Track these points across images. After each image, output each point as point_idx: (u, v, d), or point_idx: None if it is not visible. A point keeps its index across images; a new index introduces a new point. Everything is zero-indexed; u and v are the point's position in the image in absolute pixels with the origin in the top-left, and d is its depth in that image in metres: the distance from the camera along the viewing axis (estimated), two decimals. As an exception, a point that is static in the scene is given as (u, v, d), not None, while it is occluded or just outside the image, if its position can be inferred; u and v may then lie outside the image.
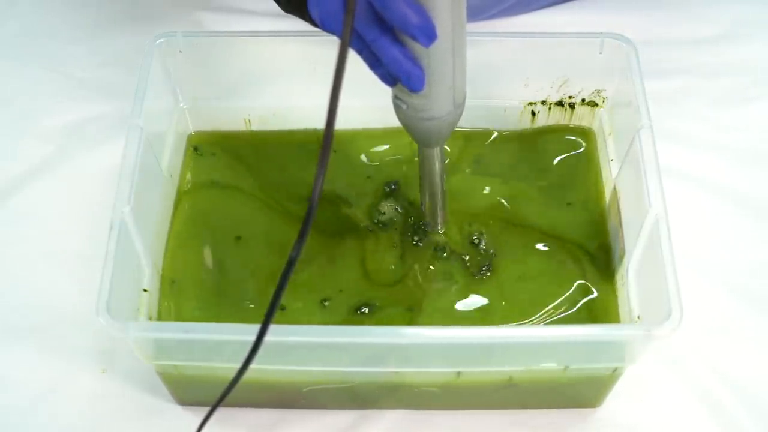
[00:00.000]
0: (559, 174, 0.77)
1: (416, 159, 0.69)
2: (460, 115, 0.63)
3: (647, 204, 0.63)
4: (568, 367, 0.62)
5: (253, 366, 0.63)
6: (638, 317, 0.65)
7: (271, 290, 0.74)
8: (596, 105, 0.77)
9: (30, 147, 0.81)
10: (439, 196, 0.71)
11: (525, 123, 0.79)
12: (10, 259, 0.75)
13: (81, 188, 0.78)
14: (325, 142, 0.47)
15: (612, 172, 0.74)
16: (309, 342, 0.59)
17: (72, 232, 0.76)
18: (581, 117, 0.79)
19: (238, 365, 0.63)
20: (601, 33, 0.73)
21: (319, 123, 0.78)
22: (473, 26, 0.87)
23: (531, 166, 0.77)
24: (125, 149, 0.66)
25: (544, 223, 0.74)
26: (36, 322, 0.72)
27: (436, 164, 0.68)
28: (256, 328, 0.60)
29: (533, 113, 0.79)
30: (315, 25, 0.61)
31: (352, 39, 0.57)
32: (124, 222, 0.63)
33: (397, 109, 0.62)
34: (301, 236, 0.48)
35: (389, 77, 0.59)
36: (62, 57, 0.88)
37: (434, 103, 0.60)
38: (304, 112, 0.77)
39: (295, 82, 0.75)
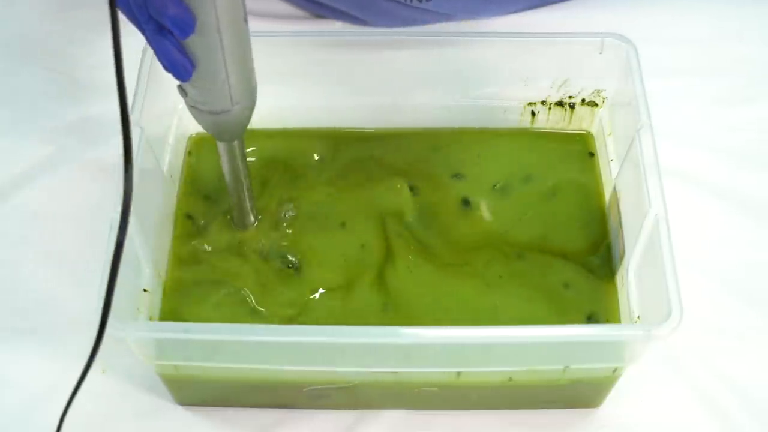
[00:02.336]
0: (558, 174, 0.77)
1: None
2: (248, 113, 0.62)
3: (647, 204, 0.63)
4: (568, 367, 0.62)
5: (253, 366, 0.63)
6: (638, 317, 0.65)
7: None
8: (596, 105, 0.77)
9: (30, 147, 0.81)
10: (242, 193, 0.69)
11: (525, 123, 0.79)
12: (10, 259, 0.75)
13: (81, 188, 0.78)
14: (124, 126, 0.48)
15: (612, 172, 0.74)
16: (309, 342, 0.59)
17: (72, 232, 0.76)
18: (581, 117, 0.79)
19: (238, 365, 0.63)
20: (601, 33, 0.72)
21: (319, 122, 0.79)
22: (474, 25, 0.87)
23: (531, 166, 0.77)
24: (125, 149, 0.65)
25: (544, 223, 0.74)
26: (36, 323, 0.72)
27: (236, 159, 0.66)
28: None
29: (533, 113, 0.78)
30: None
31: (134, 20, 0.55)
32: (124, 222, 0.63)
33: (183, 99, 0.61)
34: (123, 219, 0.49)
35: None
36: (62, 57, 0.88)
37: (209, 97, 0.59)
38: (304, 112, 0.77)
39: (294, 83, 0.75)
